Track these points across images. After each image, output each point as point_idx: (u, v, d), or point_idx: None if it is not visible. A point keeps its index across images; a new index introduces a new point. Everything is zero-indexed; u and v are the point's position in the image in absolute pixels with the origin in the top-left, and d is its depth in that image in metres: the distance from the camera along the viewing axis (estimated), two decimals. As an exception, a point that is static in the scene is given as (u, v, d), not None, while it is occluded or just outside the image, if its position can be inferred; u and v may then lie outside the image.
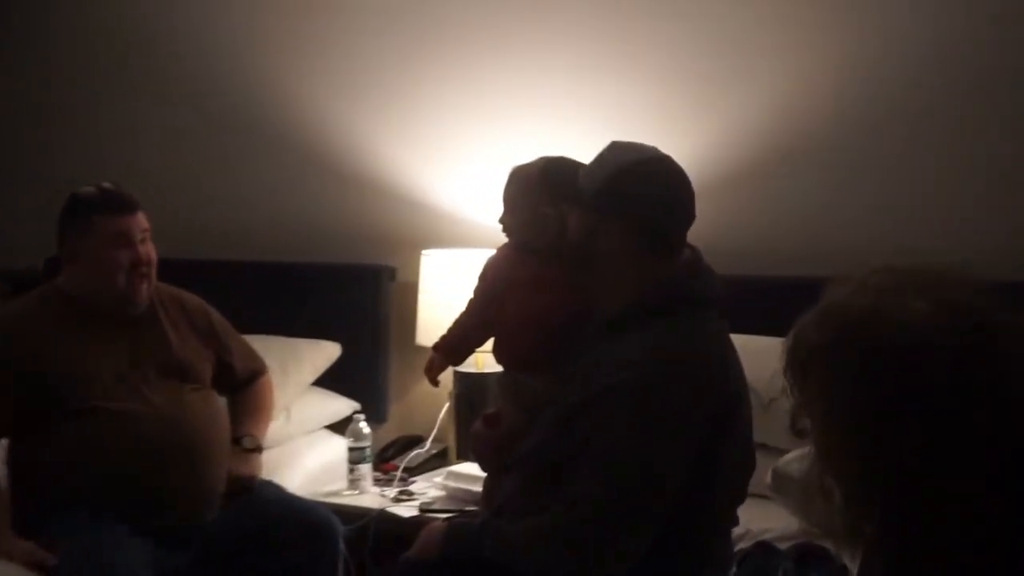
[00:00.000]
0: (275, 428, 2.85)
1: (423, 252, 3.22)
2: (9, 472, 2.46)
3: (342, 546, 2.59)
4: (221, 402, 2.68)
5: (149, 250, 2.53)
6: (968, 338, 1.02)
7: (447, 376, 2.79)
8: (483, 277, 2.32)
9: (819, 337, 1.08)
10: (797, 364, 1.11)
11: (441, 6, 3.47)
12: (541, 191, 2.14)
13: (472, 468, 2.73)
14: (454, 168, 3.46)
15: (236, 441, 2.62)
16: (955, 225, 2.90)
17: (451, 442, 3.10)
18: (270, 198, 3.76)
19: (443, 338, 2.35)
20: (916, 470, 1.02)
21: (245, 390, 2.78)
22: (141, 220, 2.51)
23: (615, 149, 1.95)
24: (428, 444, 3.14)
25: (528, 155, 2.65)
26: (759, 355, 2.32)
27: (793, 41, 3.07)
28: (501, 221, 2.22)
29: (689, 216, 1.94)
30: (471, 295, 2.34)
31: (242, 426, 2.68)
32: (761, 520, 2.27)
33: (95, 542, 2.30)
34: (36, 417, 2.43)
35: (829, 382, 1.07)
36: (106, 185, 2.56)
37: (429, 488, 2.93)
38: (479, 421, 2.21)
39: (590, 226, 1.93)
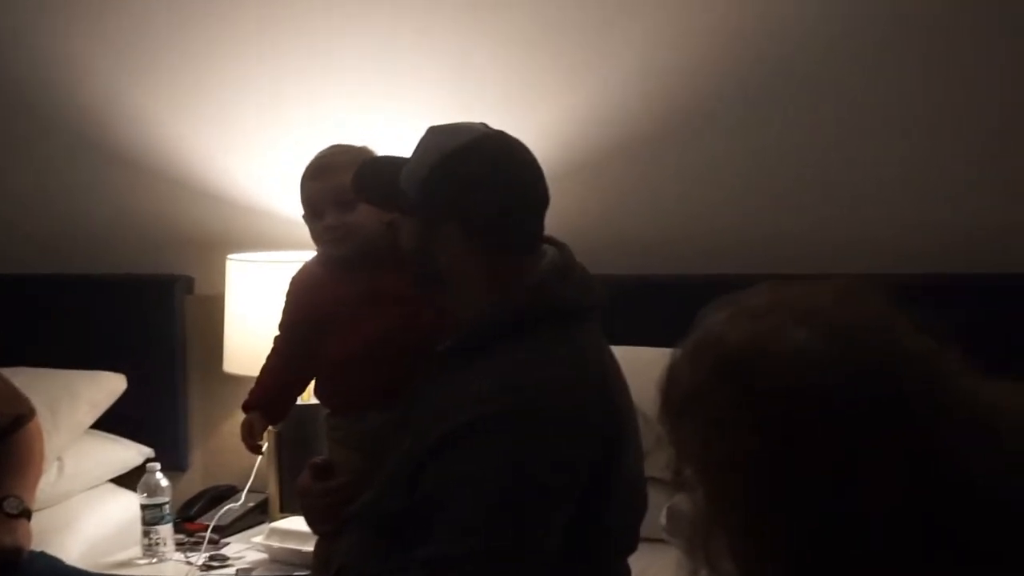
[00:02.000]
0: (46, 485, 2.58)
1: (228, 257, 2.96)
2: None
3: None
4: None
5: None
6: (860, 373, 0.94)
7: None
8: (293, 304, 2.07)
9: (693, 376, 1.00)
10: (671, 407, 1.03)
11: None
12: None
13: (300, 523, 2.34)
14: (261, 154, 3.19)
15: None
16: (836, 206, 2.75)
17: (272, 491, 2.86)
18: (35, 196, 3.41)
19: (255, 392, 2.10)
20: (808, 526, 0.94)
21: (6, 441, 2.45)
22: None
23: (435, 134, 1.77)
24: (243, 496, 2.88)
25: (342, 138, 2.36)
26: (646, 370, 2.31)
27: (668, 3, 2.91)
28: (315, 232, 2.01)
29: (539, 199, 1.77)
30: (277, 330, 2.10)
31: (4, 486, 2.37)
32: (656, 570, 2.08)
33: None
34: None
35: (709, 427, 1.00)
36: None
37: (247, 550, 2.69)
38: (306, 472, 2.00)
39: (423, 232, 1.74)
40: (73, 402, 2.87)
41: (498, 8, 3.05)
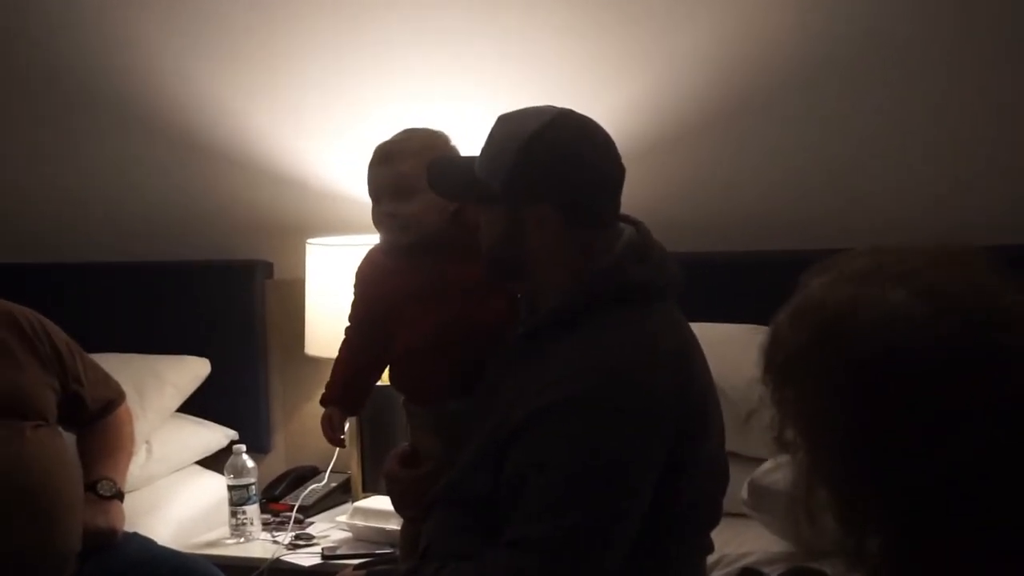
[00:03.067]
0: (135, 468, 2.63)
1: (307, 241, 3.01)
2: None
3: None
4: (69, 440, 2.44)
5: None
6: (957, 332, 0.93)
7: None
8: (359, 297, 2.08)
9: (795, 339, 1.00)
10: (774, 369, 1.02)
11: None
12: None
13: (383, 502, 2.56)
14: (336, 141, 3.23)
15: (91, 487, 2.38)
16: (917, 181, 2.79)
17: (354, 472, 2.94)
18: (117, 185, 3.47)
19: (331, 386, 2.10)
20: (915, 483, 0.93)
21: (98, 424, 2.53)
22: None
23: (507, 123, 1.78)
24: (326, 476, 2.96)
25: (406, 120, 2.38)
26: (725, 346, 2.27)
27: None
28: (378, 219, 2.01)
29: (618, 174, 1.78)
30: (348, 321, 2.11)
31: (97, 469, 2.43)
32: (738, 543, 2.19)
33: None
34: None
35: (810, 389, 0.98)
36: None
37: (331, 529, 2.77)
38: (392, 460, 2.03)
39: (510, 218, 1.74)
40: (160, 386, 2.93)
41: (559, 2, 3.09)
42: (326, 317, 2.87)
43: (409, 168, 1.91)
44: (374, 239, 2.44)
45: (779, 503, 1.91)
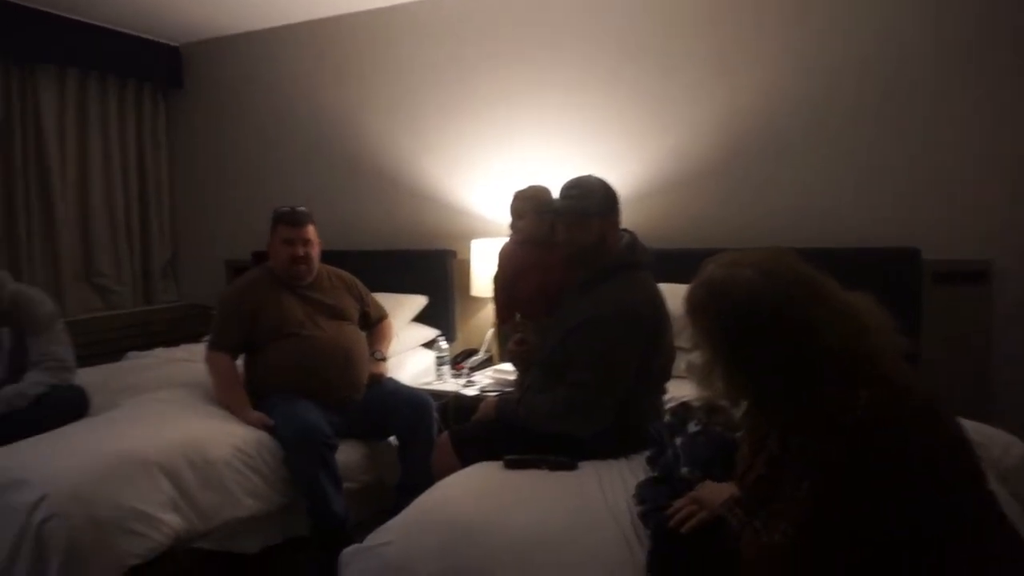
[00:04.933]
0: (392, 346, 3.22)
1: (472, 240, 3.67)
2: (245, 373, 2.84)
3: (435, 413, 2.89)
4: (362, 333, 3.01)
5: (309, 249, 2.82)
6: (781, 292, 1.26)
7: (491, 315, 3.36)
8: (500, 266, 2.54)
9: (698, 297, 1.34)
10: (689, 312, 1.36)
11: (472, 75, 3.79)
12: (538, 206, 2.51)
13: (507, 367, 3.18)
14: (485, 185, 3.86)
15: (372, 354, 3.01)
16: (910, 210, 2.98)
17: (495, 351, 3.49)
18: (373, 212, 4.16)
19: (499, 316, 2.63)
20: (753, 365, 1.29)
21: (376, 326, 3.15)
22: (308, 231, 2.83)
23: (587, 179, 2.18)
24: (480, 353, 3.60)
25: (527, 175, 3.27)
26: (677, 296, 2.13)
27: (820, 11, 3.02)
28: (512, 226, 2.56)
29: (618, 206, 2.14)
30: (494, 283, 2.58)
31: (375, 346, 3.08)
32: (678, 391, 2.39)
33: (293, 407, 2.67)
34: (259, 340, 2.80)
35: (705, 323, 1.34)
36: (294, 207, 2.94)
37: (482, 379, 3.31)
38: (512, 343, 2.44)
39: (577, 226, 2.18)
40: (403, 310, 3.63)
41: (623, 84, 3.35)
42: (479, 277, 3.58)
43: (521, 204, 2.57)
44: (499, 240, 3.17)
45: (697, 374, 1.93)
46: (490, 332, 3.51)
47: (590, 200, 2.12)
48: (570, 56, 3.45)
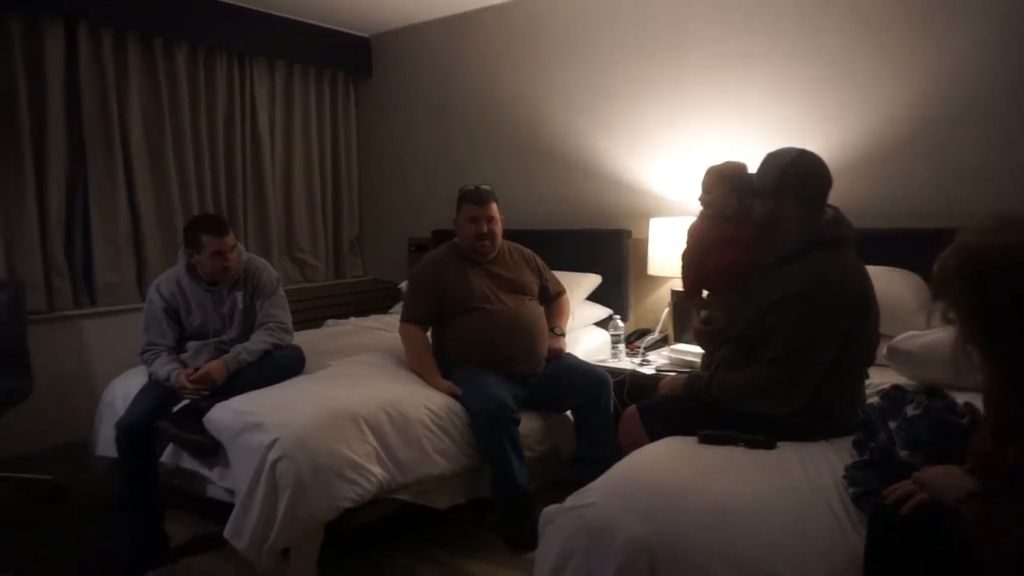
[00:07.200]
0: (570, 324, 3.28)
1: (650, 219, 3.63)
2: (434, 343, 2.96)
3: (611, 389, 2.93)
4: (542, 309, 3.08)
5: (493, 226, 2.91)
6: None
7: (666, 294, 3.52)
8: (690, 242, 2.39)
9: (954, 264, 1.27)
10: (940, 282, 1.28)
11: (652, 59, 3.77)
12: (730, 182, 2.34)
13: (683, 346, 3.22)
14: (664, 166, 3.81)
15: (551, 330, 3.06)
16: None
17: (670, 331, 3.52)
18: (549, 192, 4.22)
19: (686, 294, 2.46)
20: (1008, 344, 1.23)
21: (555, 302, 3.20)
22: (491, 208, 2.92)
23: (773, 156, 2.09)
24: (656, 333, 3.56)
25: (708, 154, 3.24)
26: (887, 276, 2.56)
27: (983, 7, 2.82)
28: (701, 200, 2.39)
29: (827, 182, 2.06)
30: (683, 259, 2.40)
31: (554, 321, 3.12)
32: (879, 377, 2.40)
33: (480, 380, 2.77)
34: (448, 313, 2.92)
35: (964, 292, 1.26)
36: (478, 185, 3.04)
37: (657, 358, 3.34)
38: (697, 321, 2.40)
39: (772, 205, 2.09)
40: (578, 288, 3.66)
41: (802, 65, 3.25)
42: (657, 257, 3.54)
43: (709, 179, 2.39)
44: (681, 219, 3.22)
45: (907, 359, 2.36)
46: (666, 311, 3.53)
47: (763, 177, 2.07)
48: (759, 28, 3.43)
